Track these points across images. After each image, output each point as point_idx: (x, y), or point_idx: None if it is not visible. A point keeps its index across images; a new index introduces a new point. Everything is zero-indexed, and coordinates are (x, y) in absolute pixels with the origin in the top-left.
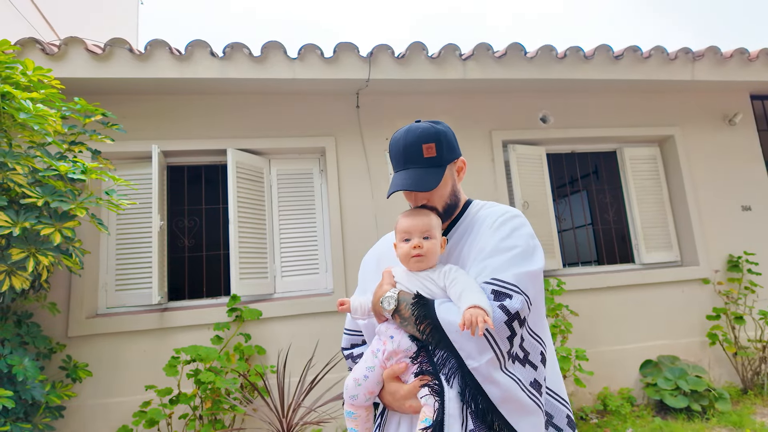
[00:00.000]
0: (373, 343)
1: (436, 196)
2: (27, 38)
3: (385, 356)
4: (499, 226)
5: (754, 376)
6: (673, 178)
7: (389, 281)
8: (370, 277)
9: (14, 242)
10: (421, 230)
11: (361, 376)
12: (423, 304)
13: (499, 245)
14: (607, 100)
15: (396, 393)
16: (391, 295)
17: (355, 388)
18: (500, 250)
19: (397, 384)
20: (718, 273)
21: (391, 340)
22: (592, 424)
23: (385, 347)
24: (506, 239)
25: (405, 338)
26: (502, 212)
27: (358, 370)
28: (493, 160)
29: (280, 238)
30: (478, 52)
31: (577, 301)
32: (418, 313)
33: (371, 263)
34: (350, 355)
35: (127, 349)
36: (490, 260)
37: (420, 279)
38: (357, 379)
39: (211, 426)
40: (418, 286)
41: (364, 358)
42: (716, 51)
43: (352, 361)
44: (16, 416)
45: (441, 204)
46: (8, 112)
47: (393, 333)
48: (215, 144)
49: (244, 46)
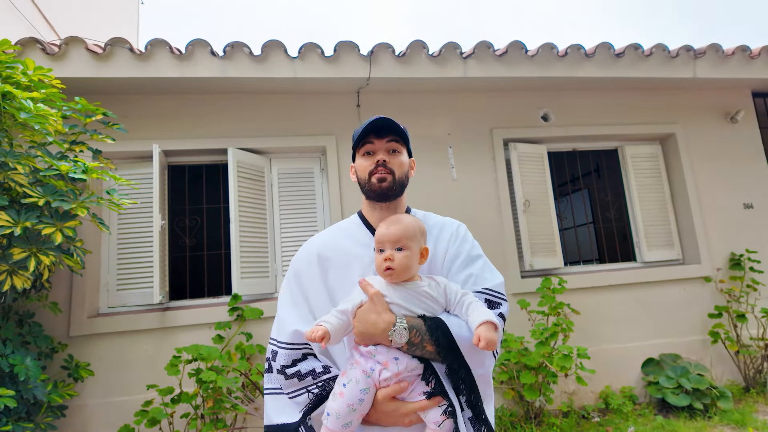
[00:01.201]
0: (360, 363)
1: (397, 160)
2: (27, 38)
3: (385, 377)
4: (464, 236)
5: (756, 375)
6: (675, 176)
7: (384, 305)
8: (314, 287)
9: (15, 242)
10: (394, 241)
11: (356, 400)
12: (437, 327)
13: (470, 254)
14: (609, 98)
15: (395, 411)
16: (401, 327)
17: (349, 414)
18: (473, 258)
19: (396, 402)
20: (720, 271)
21: (396, 362)
22: (594, 422)
23: (386, 368)
24: (473, 249)
25: (411, 359)
26: (457, 223)
27: (350, 394)
28: (494, 158)
29: (281, 237)
30: (478, 50)
31: (579, 300)
32: (437, 336)
33: (311, 268)
34: (296, 374)
35: (129, 349)
36: (471, 269)
37: (420, 297)
38: (351, 405)
39: (212, 425)
40: (420, 306)
41: (353, 380)
42: (718, 48)
43: (307, 380)
44: (18, 416)
45: (399, 173)
46: (9, 111)
47: (396, 354)
48: (216, 143)
49: (245, 45)
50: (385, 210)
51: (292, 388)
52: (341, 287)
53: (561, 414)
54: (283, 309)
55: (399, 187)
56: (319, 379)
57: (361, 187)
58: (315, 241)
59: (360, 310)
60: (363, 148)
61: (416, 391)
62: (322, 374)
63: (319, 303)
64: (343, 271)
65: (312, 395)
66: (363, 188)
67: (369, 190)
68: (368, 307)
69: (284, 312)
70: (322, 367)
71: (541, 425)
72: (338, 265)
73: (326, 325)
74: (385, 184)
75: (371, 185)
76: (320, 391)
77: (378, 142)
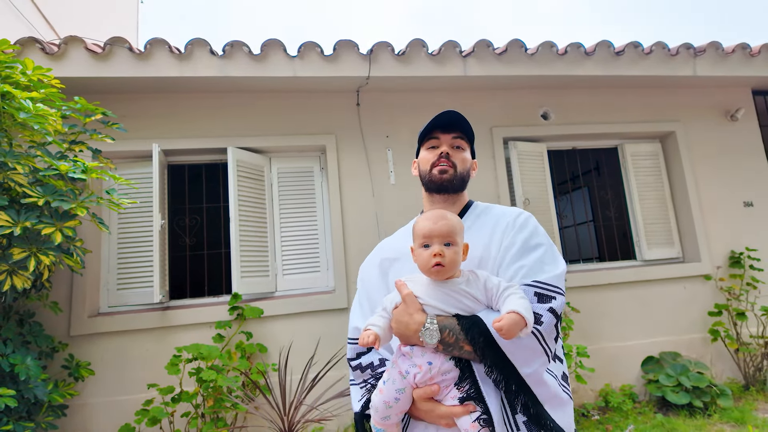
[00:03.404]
0: (399, 363)
1: (461, 155)
2: (27, 37)
3: (419, 380)
4: (521, 225)
5: (756, 372)
6: (675, 175)
7: (416, 306)
8: (374, 288)
9: (15, 242)
10: (443, 236)
11: (391, 399)
12: (473, 324)
13: (527, 243)
14: (608, 96)
15: (431, 412)
16: (431, 328)
17: (385, 410)
18: (529, 248)
19: (432, 404)
20: (720, 269)
21: (430, 366)
22: (594, 420)
23: (419, 371)
24: (531, 238)
25: (445, 362)
26: (517, 212)
27: (387, 392)
28: (494, 157)
29: (281, 236)
30: (478, 48)
31: (579, 298)
32: (473, 335)
33: (373, 271)
34: (359, 366)
35: (129, 348)
36: (523, 260)
37: (454, 295)
38: (387, 402)
39: (213, 424)
40: (454, 305)
41: (392, 379)
42: (718, 46)
43: (367, 373)
44: (19, 415)
45: (461, 167)
46: (8, 111)
47: (430, 359)
48: (216, 142)
49: (244, 45)
50: (445, 203)
51: (359, 379)
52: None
53: None
54: (352, 311)
55: (460, 180)
56: (375, 372)
57: (422, 180)
58: (381, 244)
59: (395, 311)
60: (428, 142)
61: (450, 395)
62: (378, 367)
63: (380, 301)
64: (401, 267)
65: (369, 386)
66: (424, 180)
67: (429, 181)
68: (401, 309)
69: (352, 313)
70: (378, 360)
71: None
72: (396, 263)
73: (374, 329)
74: (446, 176)
75: (432, 176)
76: (375, 382)
77: (443, 136)
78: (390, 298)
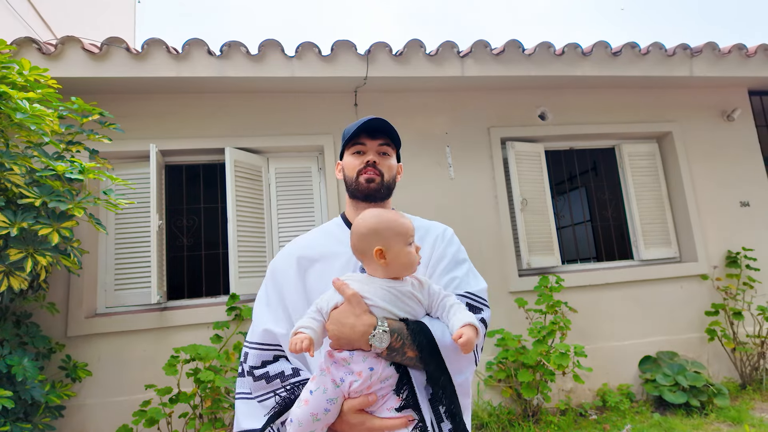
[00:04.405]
0: (331, 371)
1: (387, 162)
2: (23, 38)
3: (356, 388)
4: (449, 239)
5: (752, 372)
6: (672, 175)
7: (363, 307)
8: (290, 286)
9: (12, 242)
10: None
11: (320, 410)
12: (420, 331)
13: (456, 257)
14: (606, 97)
15: (361, 425)
16: (382, 331)
17: (312, 424)
18: (458, 262)
19: (363, 415)
20: (717, 269)
21: (371, 372)
22: (591, 420)
23: (358, 379)
24: (459, 253)
25: (386, 368)
26: (443, 226)
27: (315, 403)
28: (492, 157)
29: (279, 237)
30: (476, 49)
31: (576, 298)
32: (420, 341)
33: (290, 269)
34: (264, 375)
35: (127, 349)
36: (455, 272)
37: (402, 297)
38: (315, 414)
39: (211, 425)
40: (402, 308)
41: (321, 388)
42: (714, 47)
43: (275, 383)
44: (16, 416)
45: (388, 175)
46: (5, 112)
47: (372, 364)
48: (213, 143)
49: (242, 45)
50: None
51: (260, 391)
52: (319, 286)
53: (558, 412)
54: (257, 310)
55: (386, 189)
56: (287, 382)
57: (347, 186)
58: (294, 242)
59: (336, 312)
60: (353, 147)
61: (386, 406)
62: (291, 377)
63: (296, 304)
64: (322, 269)
65: (279, 398)
66: (349, 187)
67: (356, 190)
68: (346, 309)
69: (257, 312)
70: (291, 370)
71: (539, 423)
72: (316, 264)
73: (307, 332)
74: (373, 185)
75: (359, 185)
76: (288, 394)
77: (369, 142)
78: (326, 298)
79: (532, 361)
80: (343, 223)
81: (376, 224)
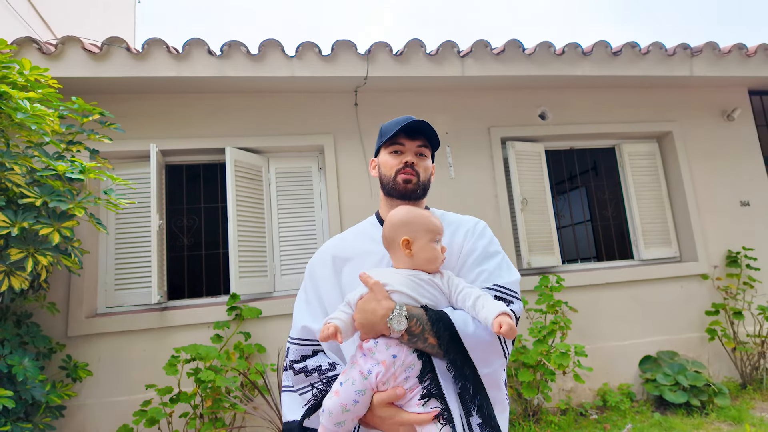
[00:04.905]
0: (359, 363)
1: (424, 163)
2: (24, 38)
3: (381, 378)
4: (480, 233)
5: (752, 371)
6: (672, 174)
7: (384, 294)
8: (327, 285)
9: (13, 242)
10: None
11: (349, 401)
12: (440, 318)
13: (486, 250)
14: (606, 96)
15: (391, 418)
16: (400, 314)
17: (341, 415)
18: (489, 255)
19: (393, 409)
20: (717, 268)
21: (394, 360)
22: (592, 419)
23: (382, 368)
24: (490, 245)
25: (409, 355)
26: (475, 220)
27: (345, 394)
28: (492, 156)
29: (279, 237)
30: (476, 49)
31: (576, 298)
32: (438, 328)
33: (326, 268)
34: (303, 369)
35: (127, 349)
36: (484, 265)
37: (423, 284)
38: (344, 405)
39: (211, 424)
40: (423, 295)
41: (350, 380)
42: (714, 46)
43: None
44: (17, 416)
45: (424, 176)
46: (5, 112)
47: (395, 351)
48: (214, 143)
49: (242, 45)
50: None
51: (300, 384)
52: (353, 283)
53: (559, 411)
54: (297, 308)
55: (422, 189)
56: (324, 376)
57: (384, 185)
58: (330, 242)
59: (360, 300)
60: (392, 146)
61: (415, 401)
62: (328, 371)
63: (332, 301)
64: (355, 267)
65: (316, 390)
66: (386, 186)
67: (393, 189)
68: (368, 297)
69: (297, 310)
70: (328, 364)
71: (540, 423)
72: (350, 262)
73: (335, 322)
74: (411, 185)
75: (396, 184)
76: (324, 387)
77: (408, 143)
78: (354, 294)
79: (533, 360)
80: (377, 221)
81: (408, 217)
